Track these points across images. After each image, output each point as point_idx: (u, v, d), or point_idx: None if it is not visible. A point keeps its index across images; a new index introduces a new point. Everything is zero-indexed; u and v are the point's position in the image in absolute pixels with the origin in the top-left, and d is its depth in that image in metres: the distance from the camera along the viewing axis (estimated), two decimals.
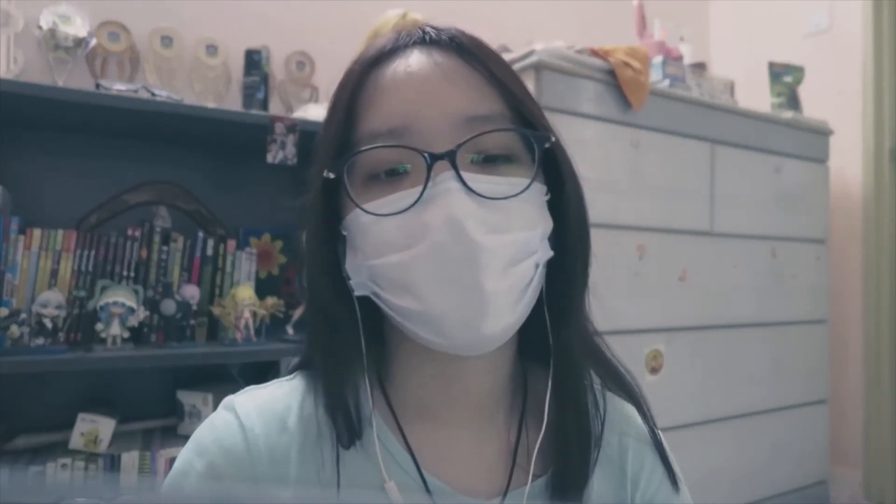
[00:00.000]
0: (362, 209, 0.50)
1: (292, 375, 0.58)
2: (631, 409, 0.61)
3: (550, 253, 0.53)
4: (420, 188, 0.48)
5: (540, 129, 0.53)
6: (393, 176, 0.50)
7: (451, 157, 0.48)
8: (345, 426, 0.52)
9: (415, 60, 0.52)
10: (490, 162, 0.51)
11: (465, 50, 0.53)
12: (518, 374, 0.59)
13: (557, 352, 0.56)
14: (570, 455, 0.55)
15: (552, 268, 0.54)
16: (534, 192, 0.51)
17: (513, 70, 0.54)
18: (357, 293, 0.53)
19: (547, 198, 0.54)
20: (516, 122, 0.52)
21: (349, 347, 0.54)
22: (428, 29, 0.54)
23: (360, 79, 0.53)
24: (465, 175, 0.48)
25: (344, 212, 0.53)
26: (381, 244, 0.50)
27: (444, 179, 0.48)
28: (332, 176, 0.51)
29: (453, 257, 0.47)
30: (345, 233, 0.53)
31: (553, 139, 0.52)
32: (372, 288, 0.52)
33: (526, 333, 0.54)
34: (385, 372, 0.57)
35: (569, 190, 0.54)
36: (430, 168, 0.48)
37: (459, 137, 0.49)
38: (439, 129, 0.49)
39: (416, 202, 0.48)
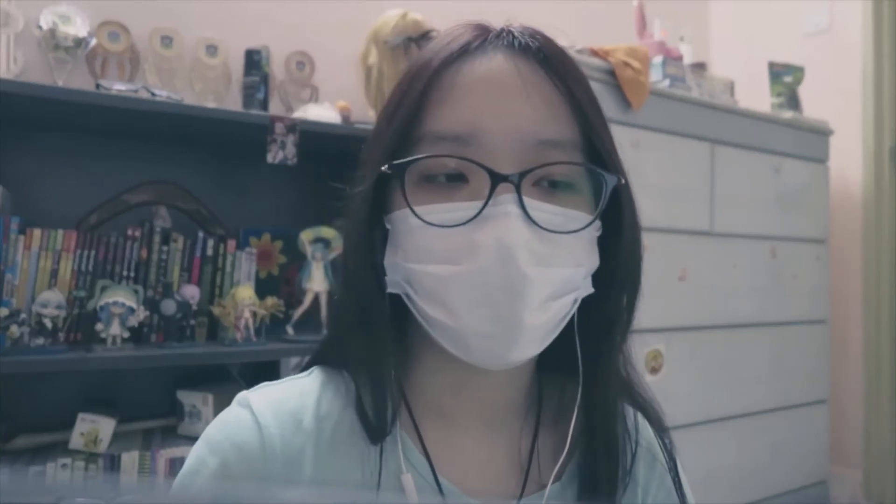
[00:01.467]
0: (416, 214, 0.48)
1: (308, 372, 0.57)
2: (641, 418, 0.61)
3: (591, 290, 0.52)
4: (477, 203, 0.47)
5: (610, 164, 0.52)
6: (451, 181, 0.49)
7: (516, 180, 0.47)
8: (378, 419, 0.51)
9: (497, 66, 0.50)
10: (552, 187, 0.50)
11: (550, 64, 0.51)
12: (534, 383, 0.59)
13: (588, 380, 0.55)
14: (597, 482, 0.54)
15: (594, 301, 0.53)
16: (589, 228, 0.51)
17: (593, 93, 0.53)
18: (390, 290, 0.52)
19: (598, 233, 0.53)
20: (587, 152, 0.51)
21: (381, 341, 0.53)
22: (517, 33, 0.52)
23: (438, 73, 0.51)
24: (526, 200, 0.47)
25: (392, 205, 0.51)
26: (425, 251, 0.49)
27: (505, 202, 0.47)
28: (389, 172, 0.50)
29: (497, 284, 0.46)
30: (388, 226, 0.52)
31: (623, 181, 0.51)
32: (406, 289, 0.51)
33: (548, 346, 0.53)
34: (405, 372, 0.56)
35: (626, 233, 0.53)
36: (493, 187, 0.47)
37: (527, 159, 0.48)
38: (508, 147, 0.48)
39: (472, 219, 0.47)
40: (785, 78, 2.48)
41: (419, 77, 0.51)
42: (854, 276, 2.59)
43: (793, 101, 2.47)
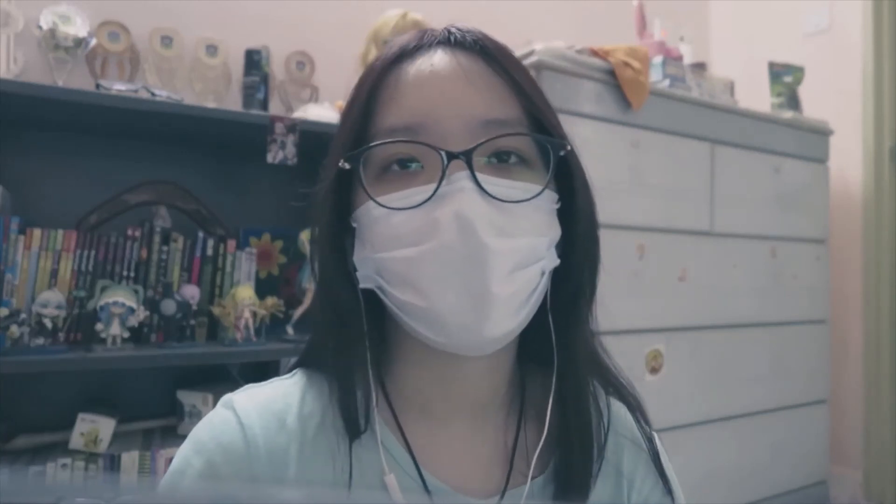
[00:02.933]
0: (375, 201, 0.50)
1: (292, 373, 0.58)
2: (623, 409, 0.61)
3: (557, 261, 0.53)
4: (433, 185, 0.49)
5: (556, 137, 0.53)
6: (406, 169, 0.51)
7: (467, 156, 0.48)
8: (351, 417, 0.52)
9: (438, 60, 0.52)
10: (504, 164, 0.51)
11: (488, 53, 0.53)
12: (516, 375, 0.59)
13: (561, 360, 0.56)
14: (572, 465, 0.55)
15: (559, 276, 0.54)
16: (545, 198, 0.52)
17: (532, 78, 0.55)
18: (362, 285, 0.53)
19: (557, 206, 0.54)
20: (533, 129, 0.53)
21: (355, 340, 0.54)
22: (453, 30, 0.54)
23: (382, 74, 0.53)
24: (479, 176, 0.48)
25: (355, 203, 0.53)
26: (389, 238, 0.50)
27: (459, 179, 0.48)
28: (346, 167, 0.52)
29: (461, 257, 0.47)
30: (354, 225, 0.53)
31: (568, 148, 0.53)
32: (377, 281, 0.52)
33: (526, 336, 0.54)
34: (386, 369, 0.57)
35: (580, 200, 0.55)
36: (445, 166, 0.48)
37: (476, 139, 0.49)
38: (456, 130, 0.50)
39: (428, 199, 0.49)
40: (785, 78, 2.48)
41: (365, 81, 0.54)
42: (854, 276, 2.59)
43: (793, 101, 2.47)
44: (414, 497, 0.51)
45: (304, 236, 1.65)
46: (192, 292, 1.54)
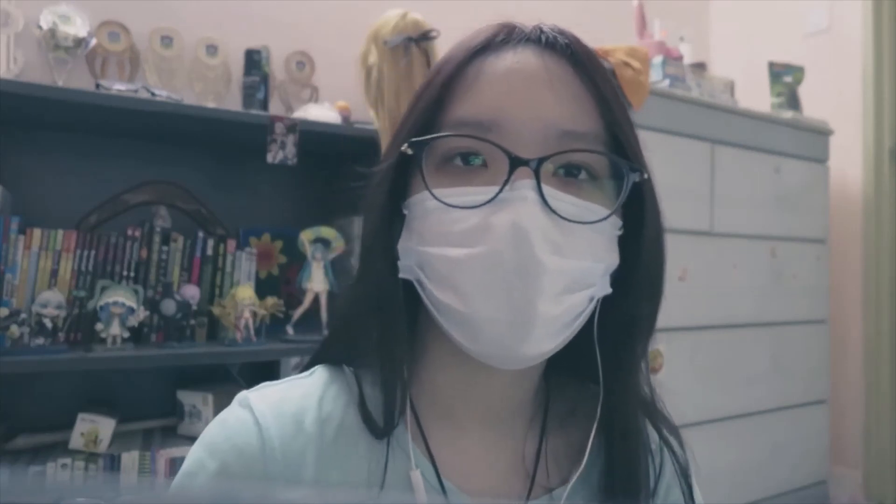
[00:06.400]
0: (432, 194, 0.48)
1: (310, 371, 0.56)
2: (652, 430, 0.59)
3: (608, 290, 0.51)
4: (495, 188, 0.46)
5: (633, 160, 0.51)
6: (469, 165, 0.49)
7: (536, 165, 0.46)
8: (387, 409, 0.51)
9: (525, 58, 0.50)
10: (572, 178, 0.49)
11: (578, 60, 0.51)
12: (541, 386, 0.57)
13: (609, 396, 0.54)
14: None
15: (610, 304, 0.52)
16: (609, 223, 0.49)
17: (618, 92, 0.53)
18: (401, 275, 0.51)
19: (619, 233, 0.51)
20: (611, 146, 0.50)
21: (395, 325, 0.52)
22: (545, 29, 0.52)
23: (463, 63, 0.51)
24: (544, 188, 0.46)
25: (411, 191, 0.51)
26: (440, 234, 0.48)
27: (523, 186, 0.46)
28: (409, 152, 0.49)
29: (511, 268, 0.45)
30: (405, 212, 0.51)
31: (645, 176, 0.51)
32: (418, 274, 0.50)
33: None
34: (413, 368, 0.54)
35: (649, 231, 0.52)
36: (511, 170, 0.46)
37: (549, 148, 0.47)
38: (530, 134, 0.47)
39: (488, 202, 0.46)
40: (785, 78, 2.48)
41: (444, 68, 0.51)
42: (854, 276, 2.59)
43: (793, 101, 2.47)
44: (434, 498, 0.50)
45: (304, 236, 1.65)
46: (192, 292, 1.54)
